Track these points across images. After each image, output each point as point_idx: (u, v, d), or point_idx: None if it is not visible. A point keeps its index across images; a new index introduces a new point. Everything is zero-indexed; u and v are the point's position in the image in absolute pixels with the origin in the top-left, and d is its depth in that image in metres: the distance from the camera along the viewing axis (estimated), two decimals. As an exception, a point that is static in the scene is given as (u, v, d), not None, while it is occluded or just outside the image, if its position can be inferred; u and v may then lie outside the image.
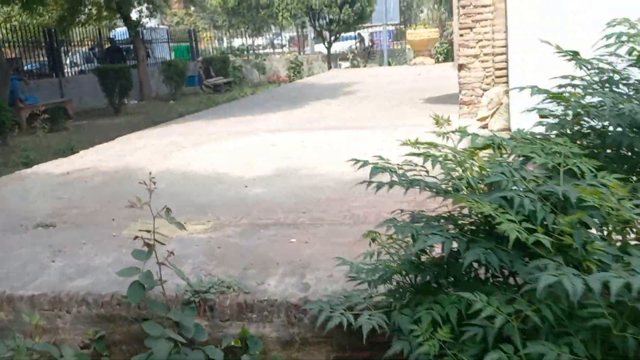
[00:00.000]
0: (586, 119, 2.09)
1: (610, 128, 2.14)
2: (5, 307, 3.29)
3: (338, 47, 27.03)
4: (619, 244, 1.86)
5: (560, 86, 2.47)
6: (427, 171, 2.27)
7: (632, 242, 1.88)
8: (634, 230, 1.87)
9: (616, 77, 2.28)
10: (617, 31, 2.27)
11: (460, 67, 8.12)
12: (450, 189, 2.01)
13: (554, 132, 2.29)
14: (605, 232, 1.86)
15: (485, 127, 7.38)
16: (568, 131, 2.24)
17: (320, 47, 26.09)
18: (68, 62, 18.56)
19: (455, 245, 1.92)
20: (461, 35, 7.96)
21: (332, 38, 24.00)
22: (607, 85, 2.23)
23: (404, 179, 2.06)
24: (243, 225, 4.30)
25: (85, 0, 17.15)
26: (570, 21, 6.43)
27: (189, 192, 5.24)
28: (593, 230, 1.81)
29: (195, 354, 2.71)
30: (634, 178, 2.07)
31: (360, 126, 8.42)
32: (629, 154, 2.12)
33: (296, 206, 4.68)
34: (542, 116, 2.18)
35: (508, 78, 6.82)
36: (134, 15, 19.11)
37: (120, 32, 22.40)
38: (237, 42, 31.00)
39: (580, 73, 2.43)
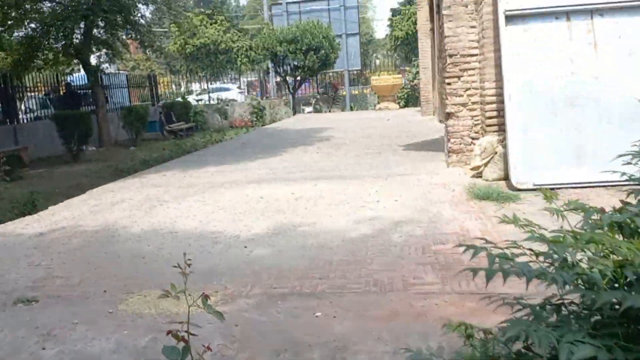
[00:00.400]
0: None
1: None
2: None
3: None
4: None
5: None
6: (536, 254, 1.93)
7: None
8: None
9: None
10: None
11: (448, 115, 7.98)
12: (584, 283, 1.68)
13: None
14: None
15: (478, 176, 7.21)
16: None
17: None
18: (23, 107, 17.71)
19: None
20: (449, 83, 7.84)
21: (297, 84, 23.92)
22: None
23: (527, 269, 1.72)
24: (256, 296, 3.86)
25: (42, 45, 16.49)
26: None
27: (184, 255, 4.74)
28: None
29: None
30: None
31: (348, 176, 8.11)
32: None
33: (309, 270, 4.28)
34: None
35: (505, 126, 6.66)
36: (93, 60, 18.51)
37: (77, 77, 21.67)
38: (195, 87, 30.58)
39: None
